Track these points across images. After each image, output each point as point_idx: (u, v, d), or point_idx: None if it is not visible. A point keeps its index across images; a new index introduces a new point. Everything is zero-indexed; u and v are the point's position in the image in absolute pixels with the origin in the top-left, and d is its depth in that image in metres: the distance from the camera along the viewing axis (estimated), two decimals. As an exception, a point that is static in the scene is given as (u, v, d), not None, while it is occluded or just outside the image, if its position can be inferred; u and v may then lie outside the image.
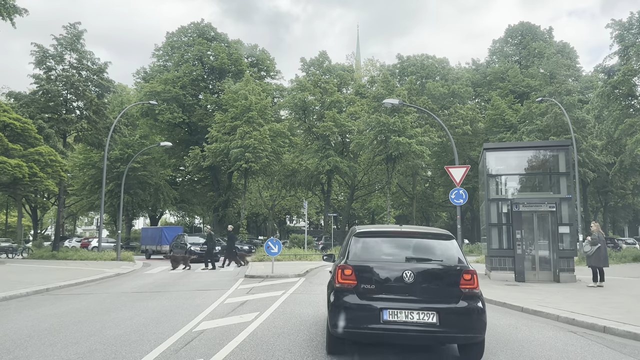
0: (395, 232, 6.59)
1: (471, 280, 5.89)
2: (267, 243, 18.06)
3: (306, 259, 26.91)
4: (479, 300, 5.88)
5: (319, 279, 16.96)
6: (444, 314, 5.62)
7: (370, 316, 5.62)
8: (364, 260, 6.02)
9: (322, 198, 52.89)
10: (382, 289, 5.80)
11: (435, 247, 6.30)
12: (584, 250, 15.86)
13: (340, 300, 5.78)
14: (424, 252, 6.22)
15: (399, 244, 6.31)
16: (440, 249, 6.26)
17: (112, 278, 18.86)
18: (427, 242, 6.39)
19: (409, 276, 5.74)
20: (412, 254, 6.15)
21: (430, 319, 5.58)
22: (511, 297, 12.18)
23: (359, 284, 5.81)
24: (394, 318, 5.59)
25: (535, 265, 17.26)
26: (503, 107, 44.67)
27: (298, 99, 45.07)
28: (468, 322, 5.71)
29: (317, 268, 21.70)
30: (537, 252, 17.21)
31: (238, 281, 16.31)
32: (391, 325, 5.58)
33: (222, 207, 49.05)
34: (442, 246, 6.31)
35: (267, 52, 52.84)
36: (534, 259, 17.21)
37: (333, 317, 5.77)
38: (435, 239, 6.43)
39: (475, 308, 5.77)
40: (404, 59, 49.77)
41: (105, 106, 34.57)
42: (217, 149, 39.21)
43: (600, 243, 15.30)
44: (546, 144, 20.36)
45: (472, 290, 5.86)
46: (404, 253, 6.14)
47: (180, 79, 45.81)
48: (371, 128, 39.21)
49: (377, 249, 6.26)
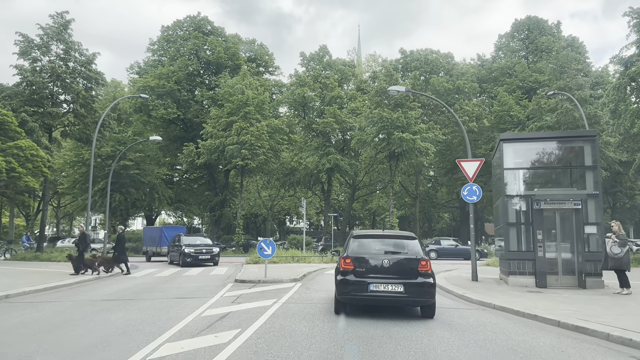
0: (379, 235, 10.17)
1: (425, 265, 8.99)
2: (259, 244, 16.32)
3: (304, 261, 25.15)
4: (430, 277, 9.02)
5: (317, 284, 15.20)
6: (408, 286, 8.80)
7: (362, 287, 8.83)
8: (358, 253, 9.24)
9: (322, 198, 51.12)
10: (369, 270, 8.98)
11: (404, 244, 9.48)
12: (613, 252, 14.11)
13: (343, 278, 9.05)
14: (396, 248, 9.41)
15: (381, 242, 9.57)
16: (407, 246, 9.42)
17: (90, 282, 17.13)
18: (399, 241, 9.65)
19: (387, 263, 8.95)
20: (388, 248, 9.36)
21: (399, 289, 8.77)
22: (541, 307, 10.42)
23: (354, 268, 9.02)
24: (376, 289, 8.78)
25: (557, 269, 15.50)
26: (510, 103, 42.84)
27: (297, 95, 43.33)
28: (423, 291, 8.89)
29: (315, 271, 19.93)
30: (559, 254, 15.45)
31: (226, 287, 14.55)
32: (375, 293, 8.79)
33: (219, 207, 47.26)
34: (408, 243, 9.48)
35: (266, 47, 51.05)
36: (555, 263, 15.46)
37: (339, 288, 9.14)
38: (405, 239, 9.66)
39: (428, 282, 8.95)
40: (407, 54, 47.97)
41: (93, 99, 32.80)
42: (212, 145, 37.44)
43: (628, 244, 13.66)
44: (570, 134, 18.54)
45: (426, 272, 8.98)
46: (384, 248, 9.36)
47: (175, 73, 44.04)
48: (373, 124, 37.44)
49: (367, 245, 9.51)
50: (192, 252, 23.85)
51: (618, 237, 13.63)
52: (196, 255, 23.66)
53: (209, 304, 10.73)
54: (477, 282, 16.39)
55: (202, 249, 24.05)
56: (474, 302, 11.91)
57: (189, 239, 25.04)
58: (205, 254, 23.87)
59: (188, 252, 23.80)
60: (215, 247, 24.66)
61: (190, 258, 23.58)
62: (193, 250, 23.90)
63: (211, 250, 24.24)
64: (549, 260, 15.18)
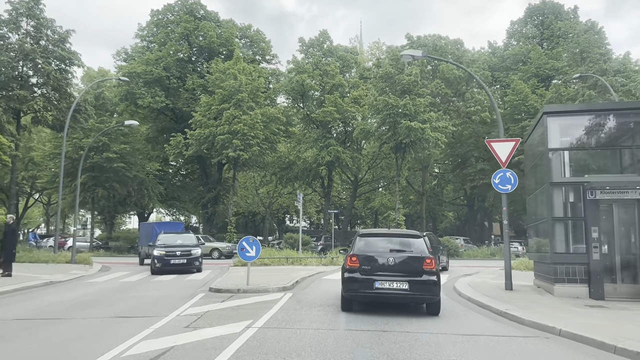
0: (385, 233, 10.34)
1: (430, 263, 9.18)
2: (240, 243, 13.05)
3: (300, 263, 21.87)
4: (435, 275, 9.15)
5: (311, 295, 11.94)
6: (412, 283, 9.00)
7: (367, 285, 9.07)
8: (364, 251, 9.46)
9: (322, 194, 47.82)
10: (375, 268, 9.19)
11: (408, 243, 9.65)
12: None
13: (349, 276, 9.25)
14: (402, 246, 9.58)
15: (387, 241, 9.73)
16: (412, 244, 9.58)
17: (36, 288, 14.01)
18: (404, 240, 9.80)
19: (392, 261, 9.16)
20: (394, 247, 9.54)
21: (404, 286, 8.97)
22: (628, 332, 7.17)
23: (360, 266, 9.26)
24: (382, 286, 9.00)
25: (615, 275, 12.27)
26: (526, 92, 39.47)
27: (295, 82, 40.00)
28: (427, 288, 9.05)
29: (311, 277, 16.65)
30: (617, 257, 12.21)
31: (194, 298, 11.31)
32: (380, 290, 9.00)
33: (212, 203, 43.96)
34: (414, 242, 9.63)
35: (262, 33, 47.72)
36: (612, 268, 12.21)
37: (345, 285, 9.35)
38: (410, 238, 9.86)
39: (432, 280, 9.09)
40: (413, 39, 44.59)
41: (67, 82, 29.54)
42: (202, 135, 34.16)
43: None
44: (636, 105, 15.20)
45: (431, 270, 9.14)
46: (390, 246, 9.53)
47: (164, 59, 40.75)
48: (378, 112, 34.08)
49: (373, 244, 9.68)
50: (163, 254, 18.58)
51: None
52: (167, 259, 18.49)
53: (151, 330, 7.48)
54: (512, 291, 13.13)
55: (175, 251, 18.74)
56: (525, 323, 8.66)
57: (167, 238, 20.23)
58: (180, 257, 18.58)
59: (158, 255, 18.57)
60: (196, 249, 19.56)
61: (160, 263, 18.33)
62: (164, 253, 18.63)
63: (188, 252, 18.91)
64: (605, 265, 11.96)
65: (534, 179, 14.28)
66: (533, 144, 14.39)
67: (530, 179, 14.95)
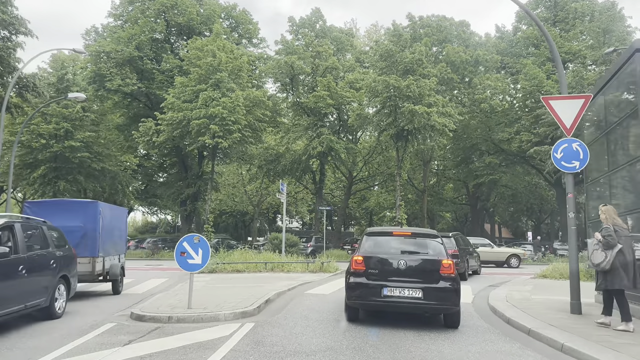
0: (396, 232, 8.78)
1: (449, 267, 7.80)
2: (179, 245, 8.63)
3: (281, 270, 17.47)
4: (454, 282, 7.80)
5: (283, 330, 7.50)
6: (427, 291, 7.66)
7: (374, 291, 7.75)
8: (371, 252, 8.16)
9: (314, 191, 43.45)
10: (383, 272, 7.88)
11: (423, 244, 8.36)
12: (593, 261, 7.71)
13: (354, 281, 7.97)
14: (416, 247, 8.28)
15: (398, 241, 8.40)
16: (428, 245, 8.29)
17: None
18: (419, 240, 8.49)
19: (403, 264, 7.82)
20: (406, 248, 8.24)
21: (417, 294, 7.64)
22: None
23: (367, 269, 7.94)
24: (391, 293, 7.69)
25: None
26: (541, 77, 35.34)
27: (284, 64, 35.62)
28: (445, 297, 7.70)
29: (292, 290, 12.27)
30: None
31: (88, 334, 6.91)
32: (389, 298, 7.69)
33: (191, 200, 39.46)
34: (429, 242, 8.34)
35: (249, 14, 43.25)
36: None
37: (349, 292, 8.05)
38: (425, 238, 8.55)
39: (450, 287, 7.72)
40: (415, 20, 40.30)
41: (10, 52, 24.96)
42: (174, 119, 29.68)
43: (620, 244, 7.39)
44: None
45: (449, 275, 7.78)
46: (401, 247, 8.22)
47: (137, 37, 36.23)
48: (376, 95, 29.73)
49: (382, 244, 8.37)
50: None
51: (603, 234, 7.56)
52: None
53: None
54: (581, 316, 8.89)
55: None
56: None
57: None
58: None
59: None
60: None
61: None
62: None
63: None
64: None
65: (614, 150, 9.98)
66: (609, 100, 10.11)
67: (601, 153, 10.64)
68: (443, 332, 7.59)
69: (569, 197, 9.40)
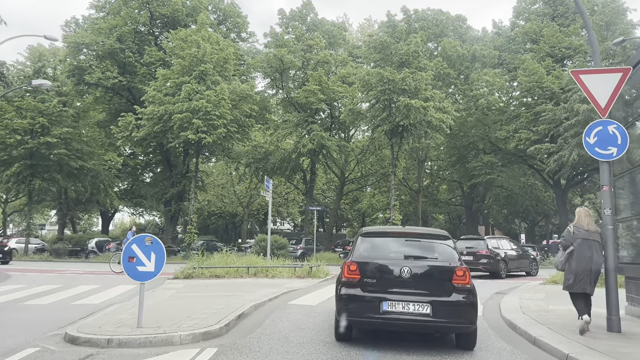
0: (398, 232, 7.24)
1: (463, 276, 6.30)
2: (127, 248, 6.91)
3: (265, 275, 15.75)
4: (470, 294, 6.32)
5: (255, 358, 5.84)
6: (437, 305, 6.13)
7: (371, 306, 6.20)
8: (367, 257, 6.57)
9: (304, 191, 41.76)
10: (383, 282, 6.33)
11: (431, 247, 6.79)
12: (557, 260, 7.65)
13: (346, 292, 6.39)
14: (422, 251, 6.72)
15: (400, 243, 6.82)
16: (436, 248, 6.73)
17: None
18: (426, 242, 6.91)
19: (407, 272, 6.27)
20: (411, 252, 6.65)
21: (424, 309, 6.10)
22: None
23: (362, 278, 6.38)
24: (392, 309, 6.14)
25: None
26: (541, 72, 33.94)
27: (273, 58, 33.93)
28: (458, 313, 6.19)
29: (274, 300, 10.58)
30: None
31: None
32: (390, 315, 6.14)
33: (176, 200, 37.57)
34: (438, 245, 6.78)
35: (238, 6, 41.54)
36: None
37: (340, 305, 6.45)
38: (433, 239, 6.97)
39: (466, 301, 6.24)
40: (410, 14, 38.80)
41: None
42: (155, 113, 27.88)
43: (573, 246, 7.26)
44: None
45: (464, 286, 6.29)
46: (405, 251, 6.65)
47: (118, 28, 34.38)
48: (370, 88, 28.12)
49: (381, 247, 6.83)
50: None
51: (563, 235, 7.59)
52: None
53: None
54: (622, 335, 7.32)
55: None
56: None
57: None
58: None
59: None
60: None
61: None
62: None
63: None
64: None
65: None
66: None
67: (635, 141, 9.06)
68: (456, 356, 5.98)
69: (604, 191, 7.79)
